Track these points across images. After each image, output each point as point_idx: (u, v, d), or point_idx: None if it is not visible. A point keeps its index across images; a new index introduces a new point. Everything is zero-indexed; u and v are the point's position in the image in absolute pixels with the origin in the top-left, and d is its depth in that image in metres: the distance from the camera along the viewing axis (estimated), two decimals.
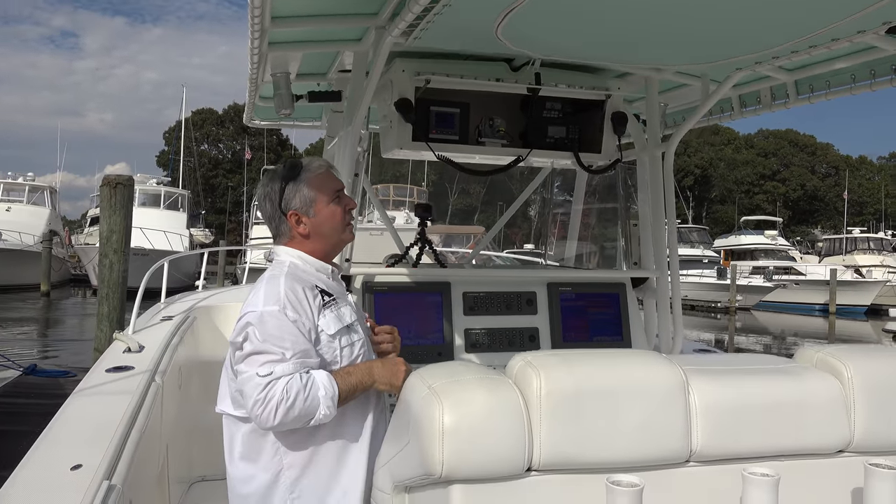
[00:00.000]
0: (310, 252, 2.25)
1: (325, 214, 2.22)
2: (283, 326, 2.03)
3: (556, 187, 4.79)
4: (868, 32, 2.14)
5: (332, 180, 2.27)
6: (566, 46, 2.58)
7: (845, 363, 1.77)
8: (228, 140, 72.33)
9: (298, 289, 2.11)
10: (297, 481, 2.12)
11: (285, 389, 1.96)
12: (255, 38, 2.43)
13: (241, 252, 31.54)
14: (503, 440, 1.51)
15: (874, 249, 38.11)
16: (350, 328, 2.19)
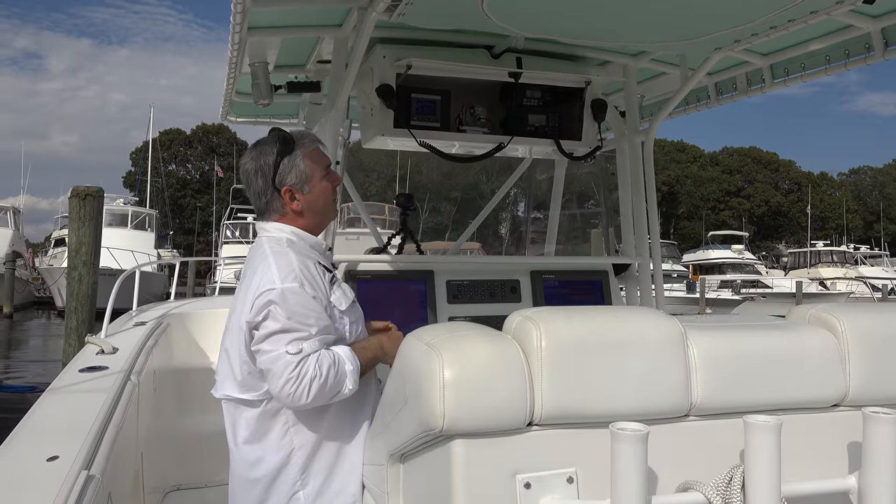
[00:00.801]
0: (302, 229, 2.21)
1: (318, 191, 2.19)
2: (305, 303, 2.00)
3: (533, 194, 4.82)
4: (846, 4, 2.18)
5: (323, 156, 2.25)
6: (550, 22, 2.59)
7: (839, 318, 1.78)
8: (196, 160, 71.74)
9: (310, 264, 2.09)
10: (308, 461, 2.10)
11: (318, 366, 1.95)
12: (236, 21, 2.39)
13: (211, 272, 31.19)
14: (504, 392, 1.48)
15: (838, 262, 38.99)
16: (353, 304, 2.20)
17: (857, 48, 2.74)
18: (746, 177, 70.30)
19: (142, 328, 4.36)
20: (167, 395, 4.14)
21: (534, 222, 4.94)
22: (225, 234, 36.08)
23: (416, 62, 2.95)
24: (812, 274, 36.41)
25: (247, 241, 34.46)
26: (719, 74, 3.37)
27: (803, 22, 2.36)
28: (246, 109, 4.26)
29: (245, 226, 36.21)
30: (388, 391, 1.86)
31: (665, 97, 3.76)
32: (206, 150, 70.75)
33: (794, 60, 3.02)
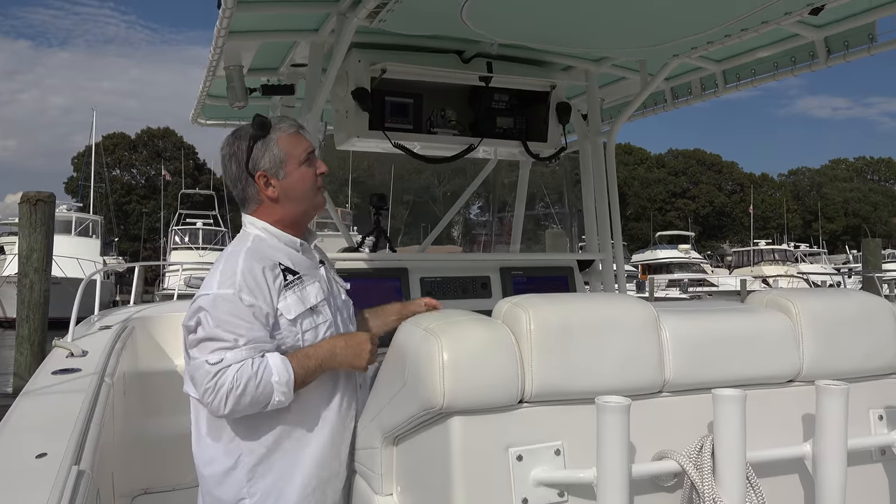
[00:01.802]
0: (280, 219, 2.12)
1: (296, 177, 2.09)
2: (236, 311, 1.93)
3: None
4: (793, 14, 2.38)
5: (302, 140, 2.13)
6: (522, 30, 2.74)
7: (793, 301, 1.95)
8: (142, 165, 70.09)
9: (258, 269, 1.98)
10: (254, 468, 2.03)
11: (235, 377, 1.88)
12: (222, 25, 2.45)
13: (159, 279, 30.51)
14: (498, 372, 1.60)
15: (779, 260, 40.39)
16: (314, 310, 2.06)
17: (802, 55, 2.96)
18: (691, 178, 72.15)
19: (108, 332, 4.35)
20: (134, 399, 4.14)
21: (498, 221, 5.09)
22: (173, 239, 35.36)
23: (390, 66, 3.06)
24: (755, 272, 37.62)
25: (196, 247, 33.86)
26: (675, 79, 3.56)
27: (755, 31, 2.56)
28: (216, 112, 4.30)
29: (194, 231, 35.56)
30: (381, 378, 1.96)
31: (624, 100, 3.95)
32: (152, 155, 69.17)
33: (745, 66, 3.23)
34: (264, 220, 2.11)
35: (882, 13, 2.56)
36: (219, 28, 2.49)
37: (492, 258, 3.63)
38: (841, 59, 2.81)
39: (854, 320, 1.95)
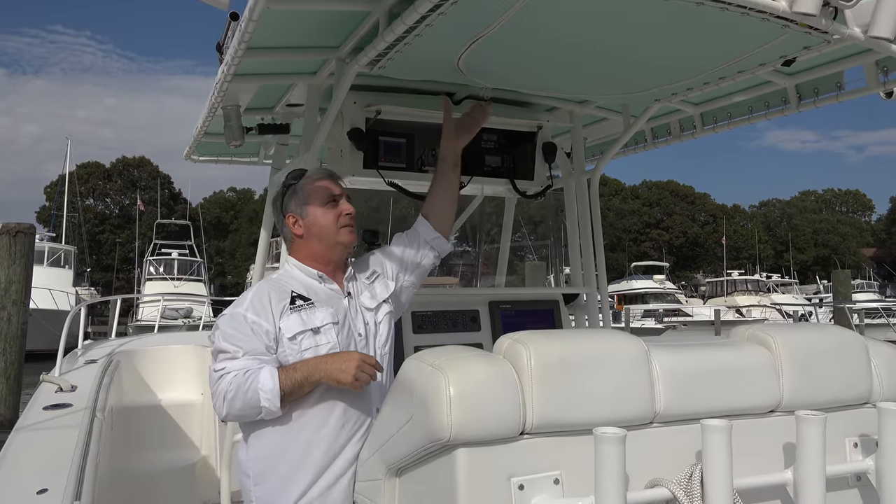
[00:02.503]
0: (307, 255, 2.44)
1: (318, 216, 2.41)
2: (239, 327, 2.25)
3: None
4: (768, 65, 2.54)
5: (329, 185, 2.46)
6: (513, 78, 2.88)
7: (773, 336, 2.07)
8: (116, 194, 69.55)
9: (265, 294, 2.31)
10: (260, 475, 2.29)
11: (230, 383, 2.18)
12: (230, 72, 2.56)
13: (133, 310, 30.08)
14: (501, 406, 1.69)
15: (752, 290, 40.99)
16: (317, 331, 2.28)
17: (775, 101, 3.13)
18: (665, 209, 73.25)
19: (94, 366, 4.37)
20: (119, 433, 4.15)
21: (483, 253, 5.21)
22: (148, 270, 34.95)
23: (385, 108, 3.17)
24: (729, 302, 38.13)
25: (171, 278, 33.52)
26: (655, 120, 3.73)
27: (732, 79, 2.72)
28: (209, 149, 4.39)
29: (169, 261, 35.20)
30: (386, 411, 2.04)
31: (607, 139, 4.10)
32: (127, 184, 68.71)
33: (722, 110, 3.40)
34: (296, 256, 2.46)
35: (848, 64, 2.74)
36: (225, 73, 2.59)
37: (480, 292, 3.74)
38: (811, 105, 2.99)
39: (830, 354, 2.08)
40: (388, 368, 2.46)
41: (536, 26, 2.21)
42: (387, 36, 2.21)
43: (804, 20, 2.04)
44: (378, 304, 2.51)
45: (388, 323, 2.52)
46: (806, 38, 2.25)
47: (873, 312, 21.93)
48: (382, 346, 2.47)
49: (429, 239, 2.68)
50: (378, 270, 2.60)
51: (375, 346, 2.45)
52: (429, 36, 2.21)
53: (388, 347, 2.50)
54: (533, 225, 10.65)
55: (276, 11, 2.11)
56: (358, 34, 2.56)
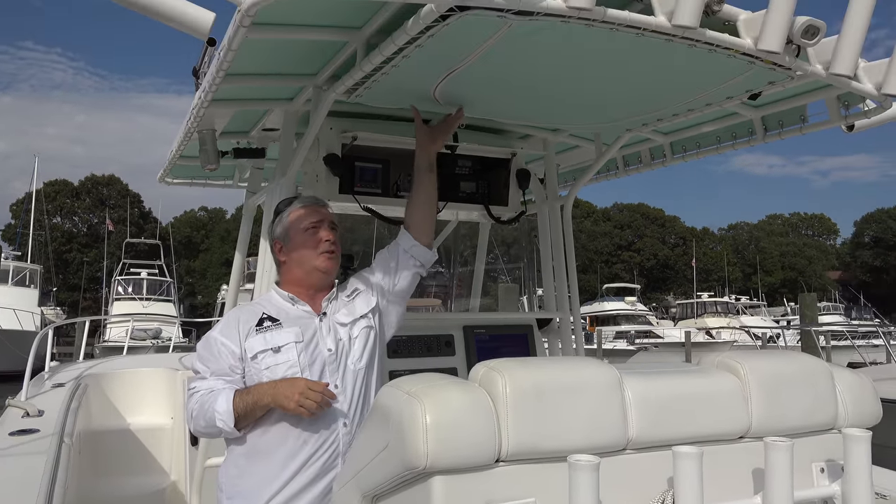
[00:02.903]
0: (289, 280, 2.53)
1: (298, 242, 2.50)
2: (210, 348, 2.39)
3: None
4: (735, 98, 2.63)
5: (311, 213, 2.52)
6: (487, 107, 2.94)
7: (741, 363, 2.12)
8: (84, 213, 68.55)
9: (236, 316, 2.43)
10: (231, 490, 2.39)
11: (196, 402, 2.32)
12: (207, 98, 2.58)
13: (100, 331, 29.54)
14: (477, 434, 1.71)
15: (721, 312, 41.50)
16: (278, 350, 2.35)
17: (742, 132, 3.22)
18: (636, 231, 74.11)
19: (62, 390, 4.30)
20: (87, 458, 4.08)
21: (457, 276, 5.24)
22: (116, 290, 34.38)
23: (361, 134, 3.20)
24: (699, 324, 38.53)
25: (140, 298, 33.00)
26: (627, 149, 3.81)
27: (700, 111, 2.80)
28: (183, 171, 4.38)
29: (138, 281, 34.68)
30: (361, 439, 2.05)
31: (579, 166, 4.18)
32: (96, 202, 67.79)
33: (691, 140, 3.48)
34: (282, 281, 2.56)
35: (811, 98, 2.84)
36: (202, 99, 2.60)
37: (455, 317, 3.76)
38: (776, 137, 3.08)
39: (796, 380, 2.14)
40: (365, 382, 2.49)
41: (510, 59, 2.26)
42: (364, 66, 2.25)
43: (769, 57, 2.12)
44: (354, 320, 2.53)
45: (364, 338, 2.53)
46: (770, 74, 2.33)
47: (839, 335, 22.33)
48: (357, 360, 2.48)
49: (407, 248, 2.69)
50: (360, 287, 2.64)
51: (347, 362, 2.46)
52: (405, 67, 2.25)
53: (366, 362, 2.51)
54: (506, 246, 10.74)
55: (255, 40, 2.14)
56: (335, 63, 2.59)
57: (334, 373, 2.42)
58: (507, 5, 1.77)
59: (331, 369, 2.41)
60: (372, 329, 2.56)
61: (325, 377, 2.39)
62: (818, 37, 2.10)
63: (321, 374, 2.39)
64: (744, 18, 2.10)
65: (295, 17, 2.19)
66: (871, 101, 2.62)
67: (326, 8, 2.12)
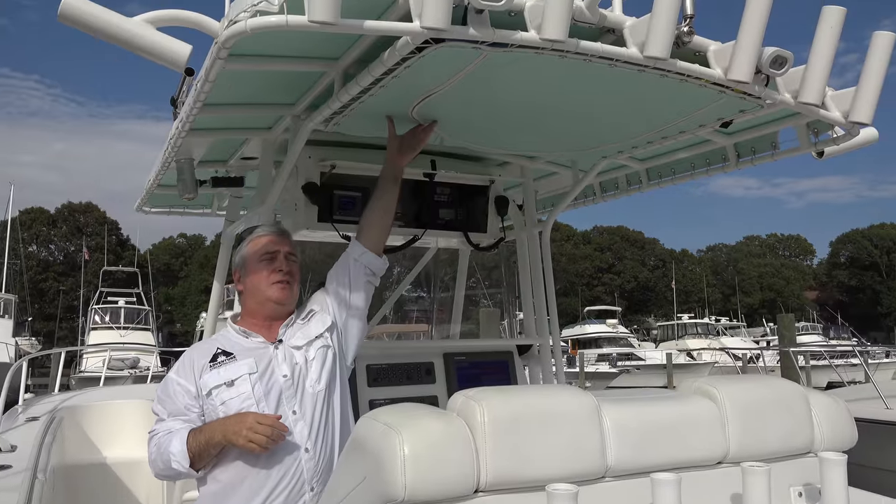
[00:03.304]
0: (245, 311, 2.53)
1: (252, 271, 2.50)
2: (167, 389, 2.39)
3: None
4: (707, 126, 2.68)
5: (268, 243, 2.51)
6: (465, 137, 2.97)
7: (717, 388, 2.14)
8: (61, 241, 67.76)
9: (192, 355, 2.43)
10: None
11: (155, 444, 2.32)
12: (184, 128, 2.58)
13: (76, 361, 29.07)
14: (456, 465, 1.70)
15: (702, 333, 41.80)
16: (232, 384, 2.33)
17: (715, 159, 3.27)
18: (616, 254, 74.62)
19: (36, 424, 4.22)
20: (62, 494, 3.99)
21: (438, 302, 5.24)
22: (93, 319, 33.88)
23: (340, 163, 3.22)
24: (680, 345, 38.74)
25: (118, 327, 32.55)
26: (603, 175, 3.85)
27: (674, 138, 2.85)
28: (160, 200, 4.36)
29: (116, 310, 34.23)
30: (339, 472, 2.03)
31: (557, 192, 4.22)
32: (73, 230, 67.06)
33: (666, 166, 3.53)
34: (242, 312, 2.55)
35: (782, 125, 2.90)
36: (179, 129, 2.60)
37: (435, 344, 3.76)
38: (749, 163, 3.13)
39: (772, 405, 2.16)
40: (327, 404, 2.46)
41: (486, 88, 2.29)
42: (341, 96, 2.27)
43: (739, 87, 2.17)
44: (309, 341, 2.50)
45: (322, 358, 2.49)
46: (741, 103, 2.38)
47: (817, 355, 22.53)
48: (315, 383, 2.45)
49: (357, 256, 2.68)
50: (315, 308, 2.62)
51: (305, 385, 2.43)
52: (382, 96, 2.27)
53: (325, 383, 2.47)
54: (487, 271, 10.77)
55: (233, 71, 2.15)
56: (313, 92, 2.61)
57: (291, 398, 2.39)
58: (482, 38, 1.80)
59: (287, 395, 2.38)
60: (329, 348, 2.52)
61: (282, 405, 2.36)
62: (786, 67, 2.16)
63: (278, 402, 2.37)
64: (714, 49, 2.15)
65: (272, 48, 2.20)
66: (839, 128, 2.68)
67: (303, 40, 2.14)
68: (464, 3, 1.74)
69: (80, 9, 1.82)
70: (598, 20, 1.98)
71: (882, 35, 2.27)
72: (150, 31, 1.89)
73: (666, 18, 1.89)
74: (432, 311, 5.20)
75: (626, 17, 2.04)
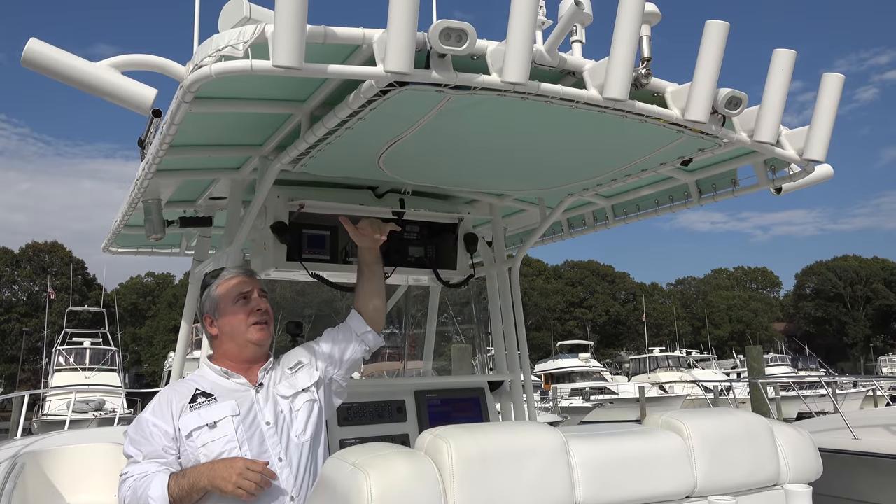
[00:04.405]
0: (222, 354, 2.46)
1: (228, 315, 2.45)
2: (142, 430, 2.30)
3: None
4: (668, 164, 2.75)
5: (239, 284, 2.47)
6: (431, 175, 3.00)
7: (684, 422, 2.16)
8: (25, 281, 66.30)
9: (167, 396, 2.36)
10: None
11: (129, 487, 2.22)
12: (151, 170, 2.58)
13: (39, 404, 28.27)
14: (424, 503, 1.70)
15: (673, 366, 42.00)
16: (214, 426, 2.28)
17: (678, 195, 3.35)
18: (587, 288, 75.09)
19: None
20: None
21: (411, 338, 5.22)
22: (57, 360, 33.03)
23: (308, 202, 3.23)
24: (652, 378, 38.85)
25: (83, 368, 31.76)
26: (570, 212, 3.91)
27: (637, 176, 2.92)
28: (128, 240, 4.31)
29: (81, 351, 33.44)
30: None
31: (526, 228, 4.27)
32: (37, 270, 65.70)
33: (631, 203, 3.61)
34: (214, 355, 2.49)
35: (741, 163, 2.99)
36: (146, 171, 2.59)
37: (406, 382, 3.74)
38: (711, 200, 3.21)
39: (738, 438, 2.18)
40: (312, 454, 2.44)
41: (452, 130, 2.33)
42: (308, 137, 2.29)
43: (696, 126, 2.24)
44: (296, 393, 2.48)
45: (308, 410, 2.48)
46: (699, 142, 2.46)
47: (786, 386, 22.75)
48: (300, 433, 2.43)
49: (360, 333, 2.68)
50: (304, 361, 2.59)
51: (290, 434, 2.41)
52: (349, 137, 2.29)
53: (311, 435, 2.46)
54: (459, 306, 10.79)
55: (199, 113, 2.16)
56: (281, 133, 2.63)
57: (276, 445, 2.36)
58: (445, 81, 1.84)
59: (272, 442, 2.35)
60: (315, 402, 2.51)
61: (266, 450, 2.33)
62: (741, 107, 2.23)
63: (261, 446, 2.33)
64: (671, 91, 2.23)
65: (238, 91, 2.22)
66: (795, 165, 2.76)
67: (269, 83, 2.17)
68: (427, 47, 1.78)
69: (43, 54, 1.82)
70: (558, 63, 2.04)
71: (831, 76, 2.37)
72: (115, 75, 1.90)
73: (623, 61, 1.95)
74: (404, 347, 5.18)
75: (585, 60, 2.11)
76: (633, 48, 1.95)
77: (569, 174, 2.96)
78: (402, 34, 1.71)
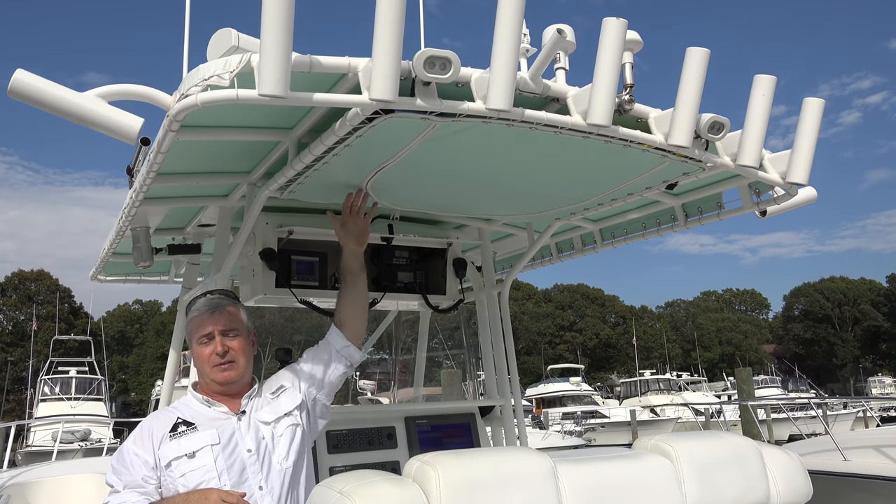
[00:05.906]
0: (204, 383, 2.49)
1: (196, 353, 2.49)
2: (124, 460, 2.31)
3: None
4: (653, 188, 2.78)
5: (203, 324, 2.45)
6: (419, 201, 3.02)
7: (672, 446, 2.16)
8: (10, 310, 65.61)
9: (151, 424, 2.36)
10: None
11: None
12: (138, 199, 2.58)
13: (24, 435, 27.84)
14: None
15: (664, 389, 41.97)
16: (193, 455, 2.27)
17: (665, 218, 3.38)
18: (577, 312, 75.09)
19: None
20: None
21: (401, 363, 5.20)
22: (43, 390, 32.60)
23: (297, 228, 3.23)
24: (643, 402, 38.78)
25: (68, 398, 31.35)
26: (559, 236, 3.93)
27: (623, 200, 2.94)
28: (116, 268, 4.29)
29: (66, 381, 33.01)
30: None
31: (515, 253, 4.28)
32: (23, 299, 65.08)
33: (619, 226, 3.63)
34: (199, 383, 2.51)
35: (725, 186, 3.02)
36: (134, 199, 2.59)
37: (396, 408, 3.72)
38: (697, 223, 3.24)
39: (727, 461, 2.18)
40: (293, 480, 2.41)
41: (438, 156, 2.35)
42: (296, 164, 2.30)
43: (679, 150, 2.27)
44: (278, 418, 2.46)
45: (290, 435, 2.45)
46: (683, 166, 2.49)
47: (777, 408, 22.76)
48: (283, 459, 2.40)
49: (339, 348, 2.66)
50: (286, 384, 2.57)
51: (272, 460, 2.38)
52: (336, 164, 2.31)
53: (293, 460, 2.43)
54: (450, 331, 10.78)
55: (186, 141, 2.17)
56: (268, 161, 2.64)
57: (257, 473, 2.33)
58: (430, 108, 1.86)
59: (253, 470, 2.33)
60: (298, 426, 2.49)
61: (246, 479, 2.30)
62: (723, 132, 2.27)
63: (241, 475, 2.30)
64: (654, 116, 2.26)
65: (225, 119, 2.24)
66: (779, 188, 2.80)
67: (256, 111, 2.18)
68: (412, 75, 1.81)
69: (30, 84, 1.83)
70: (542, 90, 2.07)
71: (812, 101, 2.41)
72: (101, 105, 1.91)
73: (606, 88, 1.98)
74: (394, 372, 5.16)
75: (569, 86, 2.14)
76: (616, 75, 1.98)
77: (555, 199, 2.99)
78: (386, 62, 1.72)
